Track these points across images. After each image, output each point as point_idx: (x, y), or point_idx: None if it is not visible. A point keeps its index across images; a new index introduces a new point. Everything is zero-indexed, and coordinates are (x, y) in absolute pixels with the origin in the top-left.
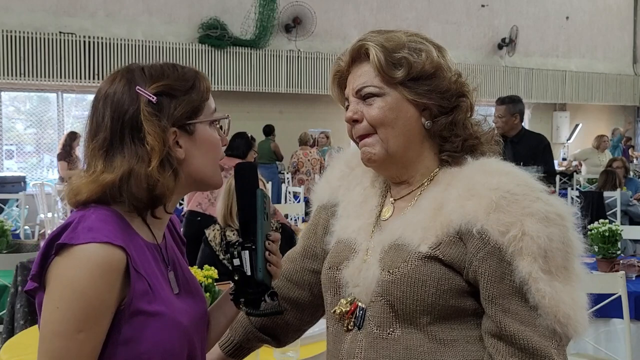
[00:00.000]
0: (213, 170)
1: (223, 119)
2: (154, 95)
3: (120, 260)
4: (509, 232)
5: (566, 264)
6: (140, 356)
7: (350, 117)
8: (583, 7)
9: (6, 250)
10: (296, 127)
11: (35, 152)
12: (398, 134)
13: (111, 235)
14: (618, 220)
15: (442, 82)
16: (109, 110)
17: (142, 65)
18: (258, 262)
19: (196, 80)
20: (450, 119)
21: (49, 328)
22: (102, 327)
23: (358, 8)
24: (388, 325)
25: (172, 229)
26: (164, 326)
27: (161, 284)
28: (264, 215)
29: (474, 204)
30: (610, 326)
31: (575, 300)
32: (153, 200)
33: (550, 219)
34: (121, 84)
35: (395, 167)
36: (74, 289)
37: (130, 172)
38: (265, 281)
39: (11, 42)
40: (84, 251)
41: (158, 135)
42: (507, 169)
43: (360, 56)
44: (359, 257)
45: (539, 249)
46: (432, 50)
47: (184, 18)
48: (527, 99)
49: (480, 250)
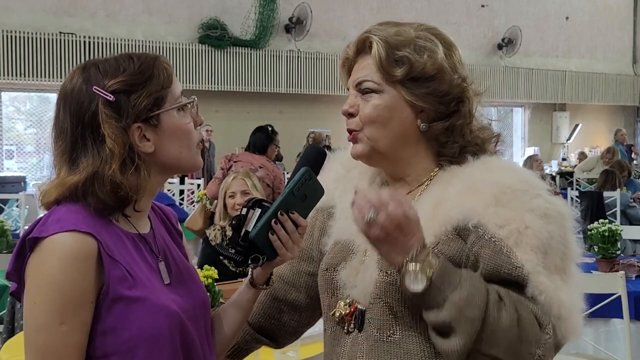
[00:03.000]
0: (188, 155)
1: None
2: (111, 93)
3: (90, 246)
4: (508, 225)
5: (564, 265)
6: (127, 343)
7: (346, 110)
8: (583, 7)
9: (6, 250)
10: (296, 127)
11: (36, 152)
12: (389, 134)
13: (79, 223)
14: (618, 220)
15: (442, 85)
16: (68, 115)
17: (97, 62)
18: (259, 222)
19: (154, 69)
20: (447, 125)
21: (31, 324)
22: (83, 317)
23: (358, 8)
24: (388, 327)
25: (165, 220)
26: (148, 311)
27: (144, 272)
28: (297, 191)
29: (474, 199)
30: (610, 326)
31: (572, 302)
32: (119, 201)
33: (551, 217)
34: (78, 84)
35: (386, 163)
36: (48, 281)
37: (94, 174)
38: (256, 242)
39: (11, 42)
40: (52, 242)
41: (117, 137)
42: (508, 165)
43: (365, 48)
44: (357, 258)
45: (540, 244)
46: (437, 50)
47: (184, 18)
48: (527, 99)
49: (475, 243)
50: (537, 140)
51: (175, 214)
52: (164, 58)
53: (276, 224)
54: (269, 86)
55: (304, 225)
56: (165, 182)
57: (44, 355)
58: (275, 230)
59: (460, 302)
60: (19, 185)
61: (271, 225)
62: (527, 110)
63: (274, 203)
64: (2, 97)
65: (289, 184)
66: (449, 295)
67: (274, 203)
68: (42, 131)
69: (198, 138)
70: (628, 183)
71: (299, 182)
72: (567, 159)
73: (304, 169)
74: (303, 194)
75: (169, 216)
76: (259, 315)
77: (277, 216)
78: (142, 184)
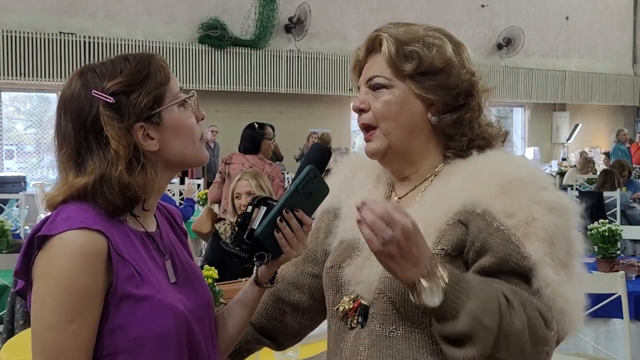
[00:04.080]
0: (193, 149)
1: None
2: (111, 95)
3: (100, 244)
4: (515, 216)
5: (568, 260)
6: (134, 341)
7: (357, 107)
8: (583, 7)
9: (6, 250)
10: (296, 127)
11: (35, 152)
12: (400, 127)
13: (89, 221)
14: (618, 220)
15: (450, 78)
16: (70, 121)
17: (94, 66)
18: (264, 220)
19: (150, 67)
20: (456, 117)
21: (39, 323)
22: (92, 315)
23: (358, 8)
24: (391, 322)
25: (170, 220)
26: (156, 310)
27: (151, 270)
28: (302, 189)
29: (479, 188)
30: (610, 326)
31: (575, 298)
32: (128, 201)
33: (557, 210)
34: (77, 90)
35: (399, 162)
36: (57, 279)
37: (102, 177)
38: (261, 240)
39: (11, 42)
40: (62, 240)
41: (121, 138)
42: (515, 158)
43: (375, 47)
44: (362, 255)
45: (547, 236)
46: (445, 46)
47: (184, 18)
48: (527, 99)
49: (483, 230)
50: (537, 140)
51: (179, 213)
52: (159, 56)
53: (281, 221)
54: (269, 86)
55: (309, 223)
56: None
57: (52, 353)
58: (280, 228)
59: (477, 310)
60: (19, 185)
61: (276, 223)
62: (527, 110)
63: (279, 201)
64: (2, 97)
65: (294, 181)
66: (465, 305)
67: (279, 201)
68: (42, 131)
69: (201, 132)
70: (628, 183)
71: (304, 180)
72: (567, 159)
73: (309, 167)
74: (308, 192)
75: (173, 215)
76: (261, 316)
77: (282, 214)
78: (150, 183)
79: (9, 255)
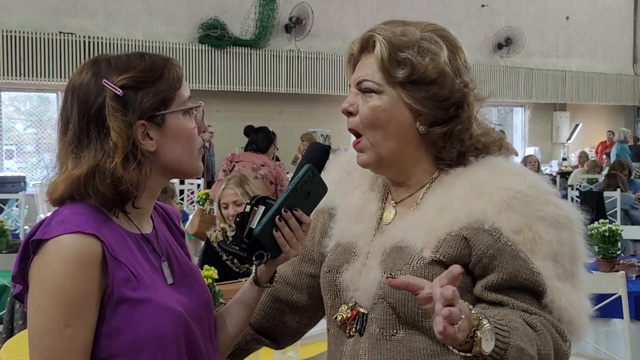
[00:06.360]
0: (189, 159)
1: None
2: (120, 88)
3: (94, 248)
4: (522, 232)
5: (573, 269)
6: (132, 344)
7: (345, 109)
8: (583, 7)
9: (6, 250)
10: (296, 127)
11: (35, 152)
12: (388, 136)
13: (82, 224)
14: (618, 220)
15: (442, 90)
16: (75, 105)
17: (109, 57)
18: (263, 219)
19: (165, 69)
20: (445, 130)
21: (35, 327)
22: (88, 319)
23: (358, 8)
24: (391, 327)
25: (167, 220)
26: (153, 313)
27: (148, 273)
28: (300, 188)
29: (483, 202)
30: (610, 326)
31: (581, 305)
32: (119, 196)
33: (561, 223)
34: (87, 77)
35: (391, 170)
36: (52, 284)
37: (96, 167)
38: (260, 239)
39: (11, 42)
40: (56, 244)
41: (122, 130)
42: (516, 169)
43: (368, 47)
44: (360, 260)
45: (552, 252)
46: (440, 54)
47: (184, 18)
48: (527, 99)
49: (491, 247)
50: (537, 140)
51: (177, 213)
52: (175, 61)
53: (280, 220)
54: (269, 86)
55: (308, 223)
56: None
57: (49, 357)
58: (279, 227)
59: (522, 344)
60: (18, 185)
61: (275, 222)
62: (528, 110)
63: (278, 200)
64: (2, 97)
65: (292, 181)
66: (510, 340)
67: (278, 200)
68: (42, 131)
69: (200, 144)
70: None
71: (302, 179)
72: (567, 159)
73: (307, 166)
74: (306, 191)
75: (171, 215)
76: (260, 316)
77: (280, 213)
78: (143, 181)
79: (9, 255)
